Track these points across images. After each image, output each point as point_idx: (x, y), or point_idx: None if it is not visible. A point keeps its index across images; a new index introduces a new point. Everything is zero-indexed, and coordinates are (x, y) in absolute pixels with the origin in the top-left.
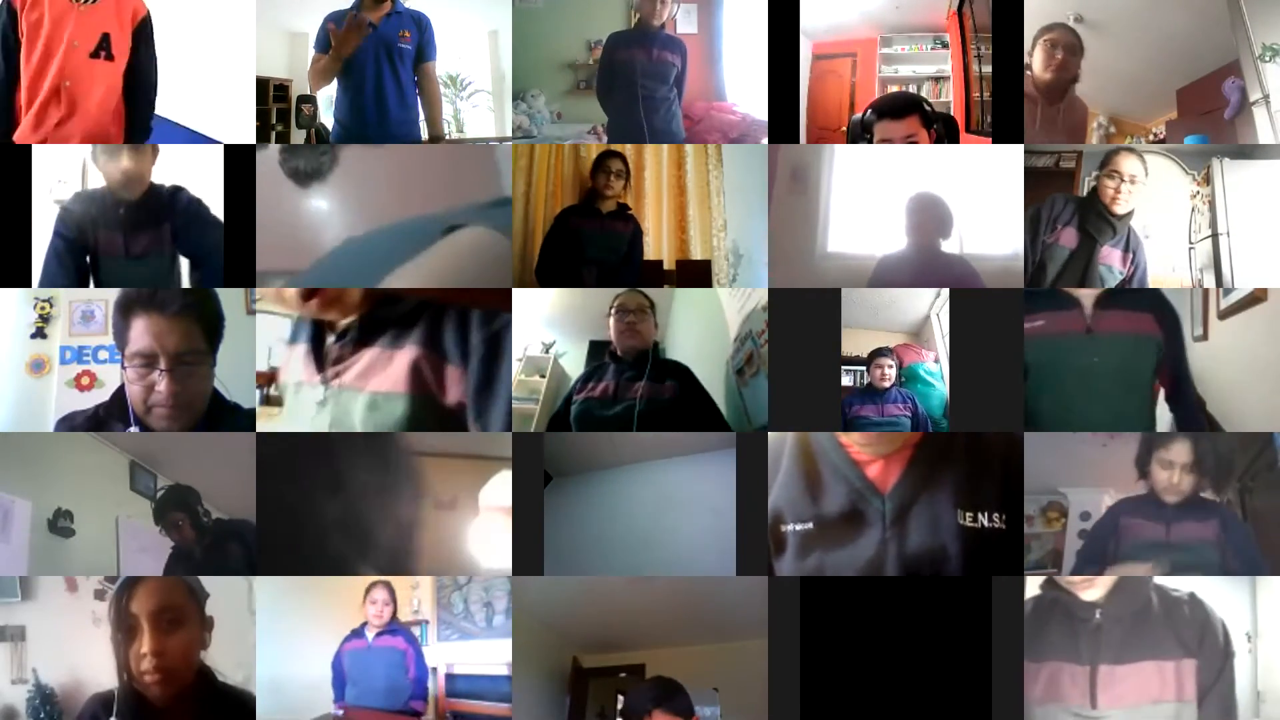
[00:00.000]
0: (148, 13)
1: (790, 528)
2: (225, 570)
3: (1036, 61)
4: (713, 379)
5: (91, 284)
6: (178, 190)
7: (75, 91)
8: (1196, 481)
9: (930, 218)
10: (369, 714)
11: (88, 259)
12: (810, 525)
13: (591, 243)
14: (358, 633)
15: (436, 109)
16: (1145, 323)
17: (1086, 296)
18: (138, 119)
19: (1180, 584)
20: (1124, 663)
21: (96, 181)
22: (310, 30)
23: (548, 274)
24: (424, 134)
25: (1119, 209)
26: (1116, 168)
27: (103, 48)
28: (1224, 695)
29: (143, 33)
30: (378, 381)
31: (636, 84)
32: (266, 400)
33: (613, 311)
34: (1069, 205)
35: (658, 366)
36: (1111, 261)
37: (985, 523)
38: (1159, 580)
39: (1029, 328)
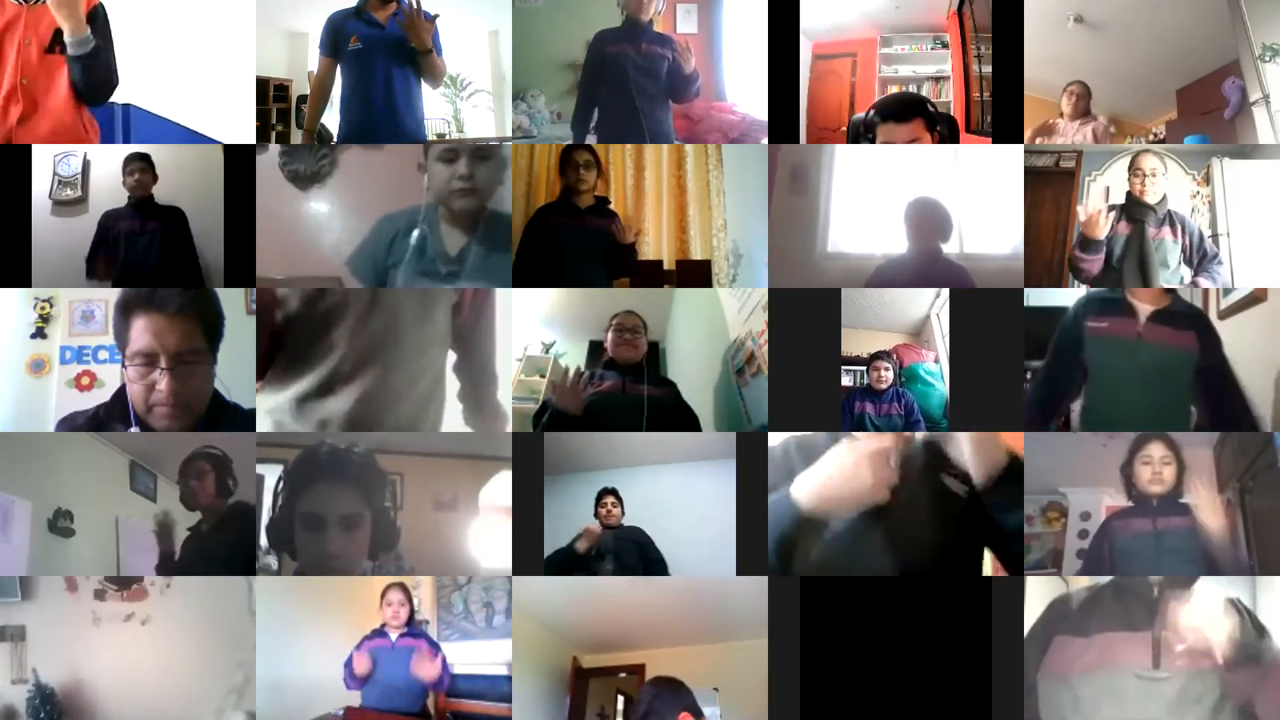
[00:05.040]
0: (100, 2)
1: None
2: (229, 553)
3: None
4: (713, 379)
5: None
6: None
7: (33, 89)
8: (1177, 476)
9: (929, 222)
10: (371, 714)
11: None
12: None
13: (573, 240)
14: (380, 633)
15: (436, 73)
16: (1187, 339)
17: (1144, 309)
18: (93, 102)
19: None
20: (1181, 632)
21: (98, 182)
22: (310, 30)
23: (524, 272)
24: (428, 134)
25: (1149, 199)
26: (1139, 166)
27: (57, 42)
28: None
29: (95, 23)
30: None
31: (628, 79)
32: None
33: (612, 326)
34: (1118, 206)
35: (651, 378)
36: (1163, 237)
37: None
38: (1206, 581)
39: (1094, 327)
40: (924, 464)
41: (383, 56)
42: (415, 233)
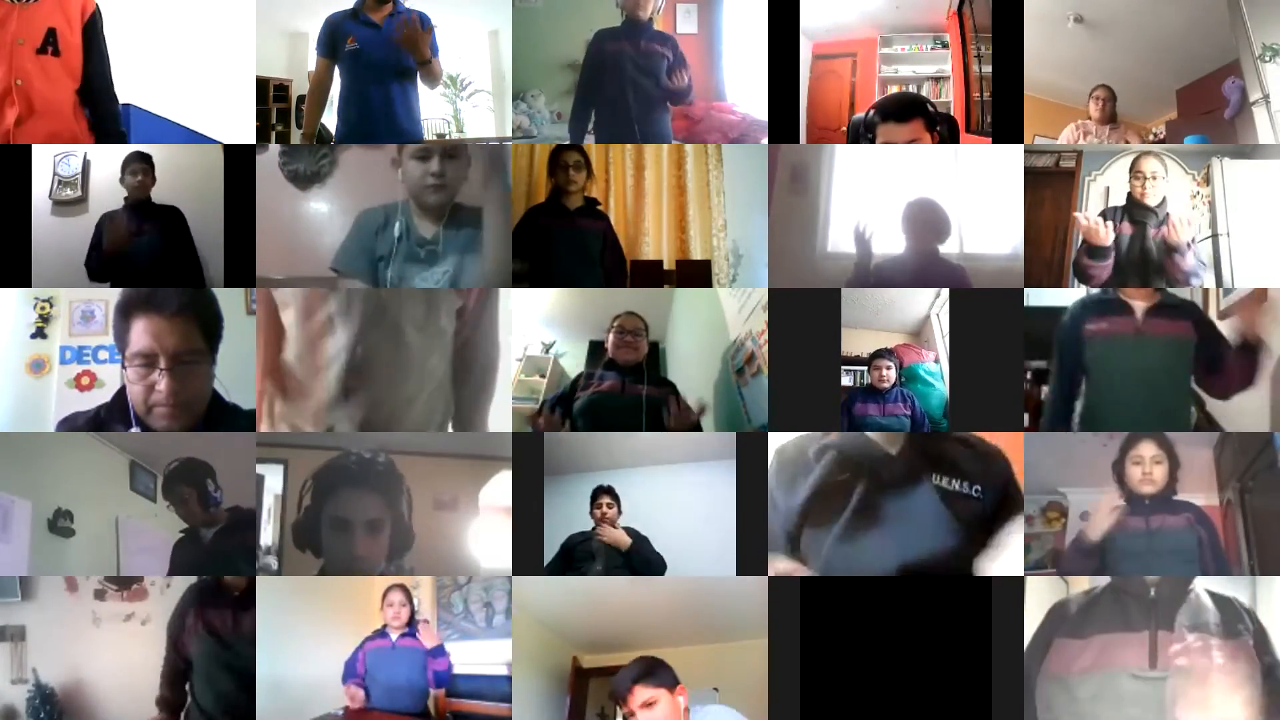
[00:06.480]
0: (97, 7)
1: None
2: (233, 562)
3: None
4: (713, 379)
5: None
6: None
7: (29, 89)
8: (1168, 475)
9: (926, 223)
10: (371, 714)
11: None
12: None
13: (562, 242)
14: (381, 633)
15: (435, 76)
16: (1184, 328)
17: (1139, 305)
18: (104, 114)
19: (1220, 585)
20: (1177, 631)
21: (98, 183)
22: (310, 30)
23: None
24: (428, 134)
25: (1150, 201)
26: (1139, 169)
27: (49, 43)
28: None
29: (94, 27)
30: None
31: (626, 76)
32: None
33: (613, 328)
34: (1119, 208)
35: (651, 379)
36: (1163, 236)
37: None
38: (1202, 581)
39: (1092, 330)
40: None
41: (379, 57)
42: (396, 225)
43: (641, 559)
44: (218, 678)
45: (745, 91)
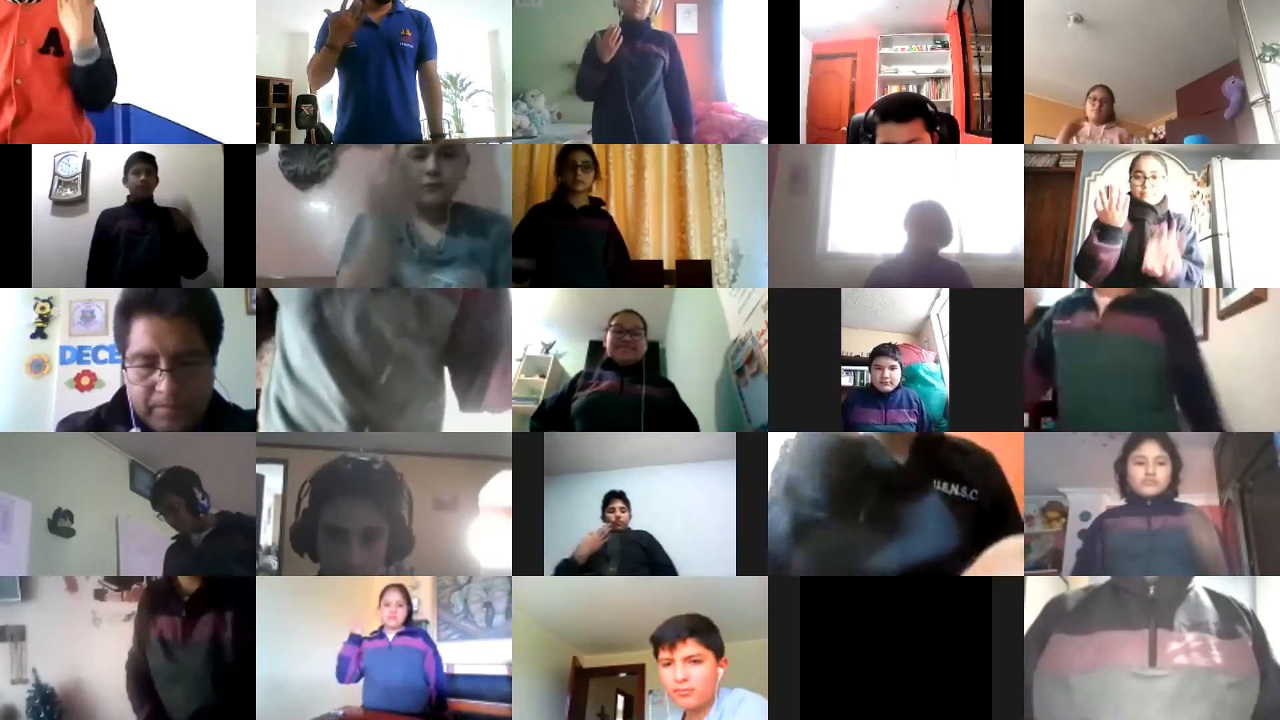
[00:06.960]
0: (95, 8)
1: None
2: (225, 564)
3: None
4: (713, 379)
5: None
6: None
7: (28, 90)
8: (1171, 476)
9: (930, 226)
10: (372, 715)
11: None
12: None
13: (566, 241)
14: (378, 633)
15: (437, 108)
16: (1149, 328)
17: (1104, 299)
18: (95, 108)
19: (1219, 584)
20: (1177, 630)
21: (98, 182)
22: (310, 30)
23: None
24: (425, 133)
25: (1149, 199)
26: (1139, 169)
27: (51, 43)
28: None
29: (95, 30)
30: None
31: (622, 76)
32: None
33: (611, 327)
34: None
35: (650, 379)
36: (1162, 231)
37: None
38: (1201, 581)
39: (1060, 325)
40: None
41: (377, 56)
42: (394, 227)
43: (635, 549)
44: (167, 688)
45: (745, 91)
